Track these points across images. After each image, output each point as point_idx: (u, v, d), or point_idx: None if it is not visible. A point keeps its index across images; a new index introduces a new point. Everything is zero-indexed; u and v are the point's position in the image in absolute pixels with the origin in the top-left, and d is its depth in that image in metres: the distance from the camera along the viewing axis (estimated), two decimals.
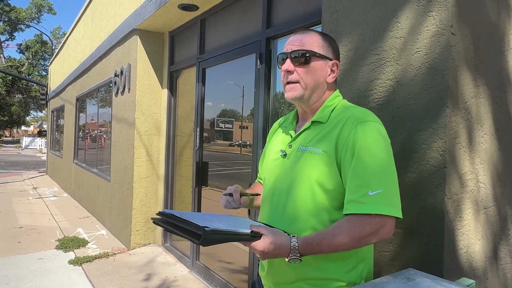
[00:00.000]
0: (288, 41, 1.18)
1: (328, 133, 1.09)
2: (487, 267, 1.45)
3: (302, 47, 1.13)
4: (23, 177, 11.17)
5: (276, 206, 1.16)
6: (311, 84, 1.14)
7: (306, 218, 1.08)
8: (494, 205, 1.48)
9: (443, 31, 1.28)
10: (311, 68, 1.13)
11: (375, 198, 0.96)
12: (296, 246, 0.97)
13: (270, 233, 0.99)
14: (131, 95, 4.46)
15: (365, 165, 1.00)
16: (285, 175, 1.16)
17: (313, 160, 1.08)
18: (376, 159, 1.00)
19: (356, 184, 0.99)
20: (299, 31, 1.19)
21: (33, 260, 3.95)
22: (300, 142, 1.16)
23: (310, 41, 1.14)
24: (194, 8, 3.54)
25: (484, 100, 1.42)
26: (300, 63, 1.13)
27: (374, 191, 0.97)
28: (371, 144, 1.02)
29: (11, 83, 29.25)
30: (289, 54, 1.15)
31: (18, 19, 31.15)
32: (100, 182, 5.71)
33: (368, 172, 0.99)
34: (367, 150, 1.01)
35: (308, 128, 1.16)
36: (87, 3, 7.09)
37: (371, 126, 1.05)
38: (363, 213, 0.97)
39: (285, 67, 1.14)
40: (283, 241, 0.98)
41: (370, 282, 1.00)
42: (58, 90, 10.22)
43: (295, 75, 1.14)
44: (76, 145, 8.06)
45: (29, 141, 31.20)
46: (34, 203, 7.17)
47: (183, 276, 3.58)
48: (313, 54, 1.13)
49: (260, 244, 0.97)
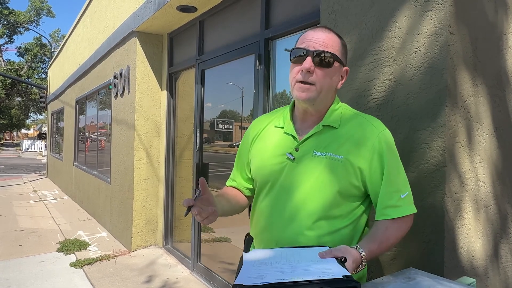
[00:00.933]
0: (309, 36, 1.10)
1: (347, 140, 1.09)
2: (488, 266, 1.46)
3: (327, 49, 1.07)
4: (23, 180, 11.17)
5: (290, 214, 1.11)
6: (326, 88, 1.09)
7: (327, 225, 1.09)
8: (494, 204, 1.48)
9: (441, 30, 1.28)
10: (330, 72, 1.09)
11: (406, 200, 1.08)
12: (365, 255, 0.99)
13: (345, 252, 0.95)
14: (130, 97, 4.46)
15: (394, 172, 1.08)
16: (298, 180, 1.10)
17: (336, 167, 1.07)
18: (399, 164, 1.11)
19: (390, 190, 1.07)
20: (319, 28, 1.12)
21: (34, 263, 3.95)
22: (312, 146, 1.11)
23: (333, 43, 1.09)
24: (193, 10, 3.54)
25: (483, 99, 1.43)
26: (322, 65, 1.07)
27: (404, 193, 1.08)
28: (393, 151, 1.11)
29: (10, 86, 29.25)
30: (312, 52, 1.06)
31: (17, 22, 31.18)
32: (101, 184, 5.71)
33: (397, 178, 1.09)
34: (392, 157, 1.09)
35: (319, 132, 1.11)
36: (86, 5, 7.10)
37: (389, 134, 1.12)
38: (404, 215, 1.07)
39: (307, 66, 1.05)
40: (355, 255, 0.96)
41: (370, 282, 1.00)
42: (57, 92, 10.22)
43: (314, 77, 1.07)
44: (76, 147, 8.06)
45: (29, 144, 31.20)
46: (35, 206, 7.17)
47: (184, 277, 3.58)
48: (336, 59, 1.09)
49: (350, 268, 0.92)
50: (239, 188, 1.34)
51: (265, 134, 1.23)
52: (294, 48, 1.11)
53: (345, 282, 0.81)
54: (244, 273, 0.91)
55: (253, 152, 1.25)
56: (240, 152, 1.34)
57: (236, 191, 1.34)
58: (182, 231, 4.19)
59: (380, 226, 1.07)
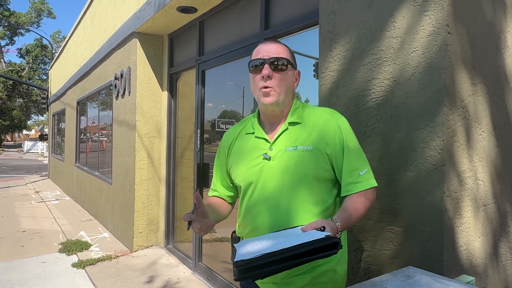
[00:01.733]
0: (262, 49, 1.25)
1: (311, 132, 1.23)
2: (488, 264, 1.46)
3: (280, 55, 1.23)
4: (25, 181, 11.20)
5: (276, 205, 1.21)
6: (285, 89, 1.23)
7: (310, 208, 1.20)
8: (493, 202, 1.49)
9: (439, 30, 1.29)
10: (286, 75, 1.24)
11: (366, 176, 1.22)
12: (340, 225, 1.07)
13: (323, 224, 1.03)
14: (131, 98, 4.48)
15: (352, 153, 1.22)
16: (277, 175, 1.21)
17: (307, 157, 1.20)
18: (356, 145, 1.25)
19: (350, 169, 1.21)
20: (268, 41, 1.30)
21: (37, 264, 3.97)
22: (283, 143, 1.23)
23: (284, 51, 1.25)
24: (193, 11, 3.55)
25: (481, 98, 1.43)
26: (279, 69, 1.22)
27: (363, 171, 1.22)
28: (350, 135, 1.25)
29: (12, 87, 29.32)
30: (268, 60, 1.22)
31: (18, 23, 31.26)
32: (102, 185, 5.73)
33: (355, 158, 1.22)
34: (350, 141, 1.23)
35: (286, 129, 1.25)
36: (87, 6, 7.11)
37: (345, 121, 1.27)
38: (366, 189, 1.20)
39: (266, 72, 1.20)
40: (332, 225, 1.04)
41: (370, 281, 1.01)
42: (58, 93, 10.25)
43: (273, 81, 1.21)
44: (77, 148, 8.09)
45: (31, 145, 31.27)
46: (37, 207, 7.20)
47: (185, 277, 3.60)
48: (289, 62, 1.24)
49: None
50: (221, 197, 1.46)
51: (239, 142, 1.35)
52: (251, 60, 1.26)
53: (328, 239, 0.91)
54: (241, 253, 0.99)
55: (231, 160, 1.36)
56: (218, 163, 1.46)
57: (220, 200, 1.46)
58: (183, 231, 4.20)
59: (349, 201, 1.19)
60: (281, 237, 1.04)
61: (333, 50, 1.72)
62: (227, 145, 1.40)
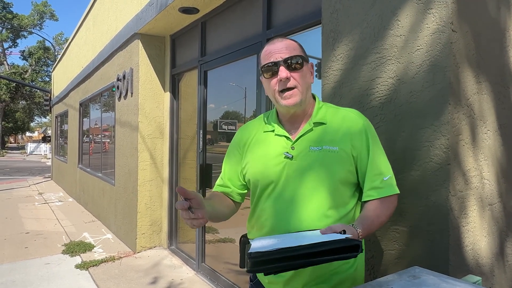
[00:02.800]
0: (271, 50, 1.18)
1: (337, 132, 1.18)
2: (494, 264, 1.45)
3: (292, 53, 1.16)
4: (28, 183, 11.24)
5: (296, 207, 1.16)
6: (305, 87, 1.19)
7: (332, 212, 1.15)
8: (499, 202, 1.47)
9: (444, 28, 1.28)
10: (304, 72, 1.18)
11: (389, 181, 1.17)
12: (361, 231, 1.04)
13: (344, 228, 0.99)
14: (133, 99, 4.48)
15: (377, 157, 1.18)
16: (300, 175, 1.16)
17: (333, 158, 1.16)
18: (380, 149, 1.21)
19: (374, 173, 1.17)
20: (275, 39, 1.21)
21: (40, 265, 3.97)
22: (307, 143, 1.18)
23: (294, 47, 1.19)
24: (195, 11, 3.55)
25: (486, 96, 1.42)
26: (295, 68, 1.16)
27: (386, 176, 1.17)
28: (375, 138, 1.21)
29: (15, 89, 29.46)
30: (281, 62, 1.15)
31: (20, 26, 31.40)
32: (105, 186, 5.74)
33: (379, 163, 1.18)
34: (374, 144, 1.19)
35: (310, 130, 1.20)
36: (89, 8, 7.13)
37: (370, 124, 1.23)
38: (389, 195, 1.16)
39: (284, 75, 1.14)
40: (353, 231, 1.01)
41: (375, 281, 1.00)
42: (61, 95, 10.28)
43: (293, 81, 1.15)
44: (80, 150, 8.10)
45: (34, 147, 31.39)
46: (40, 208, 7.21)
47: (189, 278, 3.59)
48: (303, 58, 1.19)
49: None
50: (231, 194, 1.34)
51: (257, 139, 1.28)
52: (263, 66, 1.19)
53: (349, 241, 0.89)
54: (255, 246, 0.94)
55: (248, 158, 1.27)
56: (230, 160, 1.35)
57: (225, 197, 1.34)
58: (186, 232, 4.20)
59: (370, 207, 1.15)
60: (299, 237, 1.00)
61: (336, 50, 1.71)
62: (242, 141, 1.32)
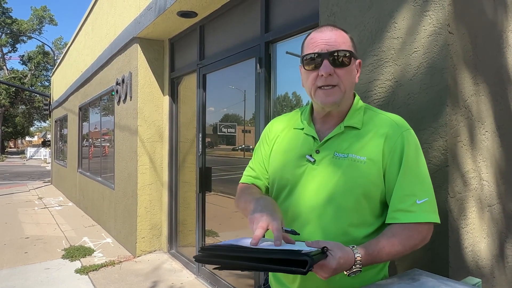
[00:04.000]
0: (318, 39, 1.04)
1: (369, 140, 1.04)
2: (494, 266, 1.44)
3: (341, 47, 1.02)
4: (28, 188, 11.22)
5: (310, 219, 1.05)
6: (349, 86, 1.06)
7: (351, 229, 1.02)
8: (498, 203, 1.47)
9: (440, 30, 1.28)
10: (350, 70, 1.04)
11: (423, 206, 0.99)
12: (360, 257, 0.91)
13: (335, 247, 0.89)
14: (133, 103, 4.49)
15: (412, 174, 1.01)
16: (319, 183, 1.05)
17: (359, 168, 1.02)
18: (420, 167, 1.03)
19: (404, 193, 1.00)
20: (324, 27, 1.07)
21: (40, 270, 3.96)
22: (333, 148, 1.06)
23: (344, 39, 1.04)
24: (193, 15, 3.56)
25: (484, 98, 1.42)
26: (341, 64, 1.02)
27: (421, 199, 0.99)
28: (415, 152, 1.03)
29: (14, 94, 29.48)
30: (327, 55, 1.01)
31: (20, 31, 31.47)
32: (105, 190, 5.73)
33: (414, 181, 1.01)
34: (412, 159, 1.02)
35: (341, 133, 1.07)
36: (88, 13, 7.15)
37: (412, 134, 1.06)
38: (416, 222, 0.99)
39: (327, 70, 1.00)
40: (348, 253, 0.90)
41: (375, 284, 1.00)
42: (61, 100, 10.29)
43: (335, 78, 1.02)
44: (80, 154, 8.10)
45: (34, 151, 31.38)
46: (40, 213, 7.20)
47: (189, 282, 3.58)
48: (352, 55, 1.04)
49: (332, 262, 0.86)
50: (261, 187, 1.24)
51: (286, 136, 1.18)
52: (305, 54, 1.06)
53: (298, 255, 0.78)
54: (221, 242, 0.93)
55: (272, 154, 1.19)
56: (261, 150, 1.25)
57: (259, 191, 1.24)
58: (186, 236, 4.19)
59: (388, 232, 0.99)
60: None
61: None
62: (272, 133, 1.22)
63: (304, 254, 0.78)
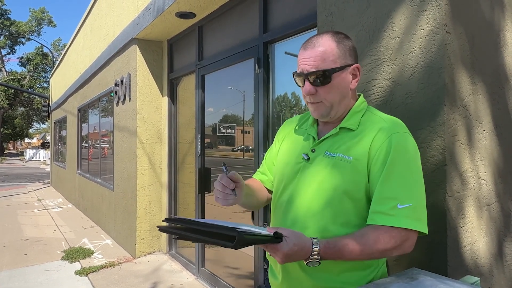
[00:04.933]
0: (301, 58, 1.08)
1: (359, 141, 1.05)
2: (493, 264, 1.45)
3: (318, 67, 1.04)
4: (27, 189, 11.21)
5: (297, 215, 1.10)
6: (336, 100, 1.08)
7: (335, 228, 1.04)
8: (496, 202, 1.48)
9: (438, 30, 1.29)
10: (333, 85, 1.06)
11: (404, 211, 0.96)
12: (318, 248, 0.93)
13: (292, 234, 0.93)
14: (131, 104, 4.49)
15: (397, 177, 0.99)
16: (309, 180, 1.10)
17: (344, 168, 1.04)
18: (407, 171, 1.00)
19: (385, 196, 0.98)
20: (310, 42, 1.08)
21: (40, 272, 3.96)
22: (326, 147, 1.10)
23: (325, 55, 1.04)
24: (191, 16, 3.56)
25: (482, 97, 1.43)
26: (321, 83, 1.05)
27: (403, 204, 0.96)
28: (403, 156, 1.01)
29: (13, 96, 29.48)
30: (306, 75, 1.06)
31: (18, 32, 31.47)
32: (104, 191, 5.73)
33: (398, 185, 0.98)
34: (398, 162, 1.00)
35: (336, 134, 1.10)
36: (86, 14, 7.15)
37: (404, 138, 1.03)
38: (389, 226, 0.96)
39: (307, 89, 1.06)
40: (305, 242, 0.93)
41: (373, 283, 1.00)
42: (60, 101, 10.28)
43: (317, 96, 1.07)
44: (79, 155, 8.10)
45: (33, 153, 31.33)
46: (39, 214, 7.19)
47: (189, 283, 3.58)
48: (332, 72, 1.04)
49: (285, 247, 0.91)
50: (266, 182, 1.33)
51: (293, 135, 1.25)
52: (293, 72, 1.13)
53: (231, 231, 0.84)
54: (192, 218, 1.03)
55: (280, 152, 1.27)
56: (272, 149, 1.35)
57: (261, 186, 1.33)
58: None
59: (359, 231, 0.99)
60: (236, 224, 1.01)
61: None
62: (282, 133, 1.30)
63: (236, 231, 0.83)
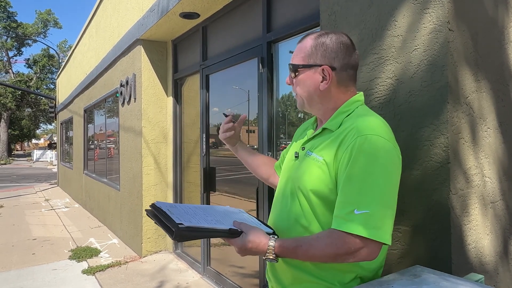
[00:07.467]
0: None
1: (332, 142, 1.05)
2: (498, 262, 1.44)
3: (292, 61, 1.15)
4: (35, 190, 11.33)
5: (279, 211, 1.18)
6: (305, 95, 1.14)
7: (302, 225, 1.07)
8: (501, 199, 1.47)
9: (440, 27, 1.29)
10: (299, 81, 1.13)
11: (359, 218, 0.91)
12: (272, 246, 0.99)
13: (249, 231, 1.01)
14: (137, 104, 4.52)
15: (357, 182, 0.94)
16: (291, 177, 1.16)
17: (313, 167, 1.06)
18: (369, 175, 0.94)
19: (344, 200, 0.96)
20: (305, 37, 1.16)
21: (47, 271, 4.00)
22: (309, 146, 1.15)
23: (298, 50, 1.13)
24: (196, 16, 3.58)
25: (485, 94, 1.42)
26: (293, 76, 1.15)
27: (360, 210, 0.92)
28: (366, 159, 0.95)
29: (20, 97, 29.76)
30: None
31: (25, 34, 31.74)
32: (110, 191, 5.78)
33: (358, 190, 0.94)
34: (361, 167, 0.95)
35: (319, 134, 1.14)
36: (91, 15, 7.21)
37: (372, 140, 0.96)
38: (344, 231, 0.93)
39: (287, 80, 1.19)
40: (261, 240, 1.00)
41: (376, 280, 1.00)
42: (66, 102, 10.37)
43: (294, 88, 1.17)
44: (85, 156, 8.16)
45: (40, 154, 31.62)
46: (47, 214, 7.27)
47: (195, 282, 3.60)
48: (296, 67, 1.12)
49: (238, 242, 1.01)
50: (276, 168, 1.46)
51: (300, 135, 1.31)
52: None
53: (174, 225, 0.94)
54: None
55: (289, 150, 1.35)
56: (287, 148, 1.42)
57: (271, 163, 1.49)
58: None
59: (319, 233, 1.01)
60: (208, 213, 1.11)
61: None
62: (296, 133, 1.37)
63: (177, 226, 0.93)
